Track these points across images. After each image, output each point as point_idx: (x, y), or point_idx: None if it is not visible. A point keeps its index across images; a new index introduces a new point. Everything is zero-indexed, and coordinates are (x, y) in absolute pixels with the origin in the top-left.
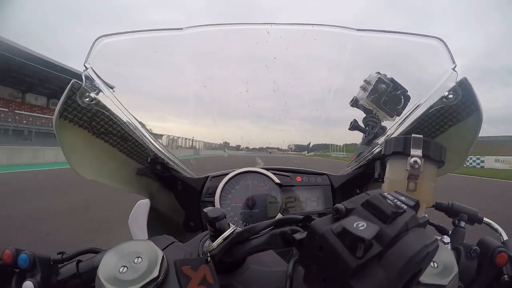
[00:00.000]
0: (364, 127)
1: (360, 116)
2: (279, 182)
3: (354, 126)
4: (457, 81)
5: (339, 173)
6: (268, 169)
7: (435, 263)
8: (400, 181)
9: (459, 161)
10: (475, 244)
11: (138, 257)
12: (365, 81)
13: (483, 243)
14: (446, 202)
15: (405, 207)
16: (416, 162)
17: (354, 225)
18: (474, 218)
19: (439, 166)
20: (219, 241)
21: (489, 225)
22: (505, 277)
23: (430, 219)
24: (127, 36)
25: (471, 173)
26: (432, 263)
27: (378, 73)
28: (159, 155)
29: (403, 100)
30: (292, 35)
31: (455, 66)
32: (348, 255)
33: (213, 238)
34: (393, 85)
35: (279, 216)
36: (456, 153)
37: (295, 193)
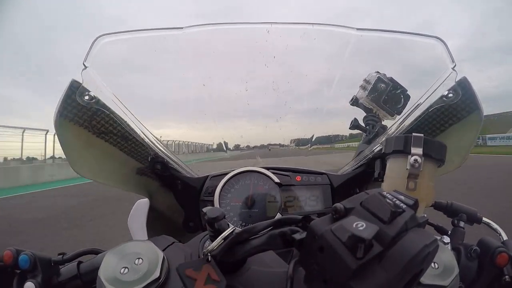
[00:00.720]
0: (364, 126)
1: (360, 115)
2: (279, 181)
3: (354, 125)
4: (456, 80)
5: (339, 173)
6: (267, 169)
7: (436, 264)
8: (400, 180)
9: (459, 160)
10: (475, 244)
11: (138, 258)
12: (364, 80)
13: (483, 243)
14: (445, 201)
15: (404, 206)
16: (416, 160)
17: (353, 225)
18: (473, 218)
19: (439, 165)
20: (219, 241)
21: (488, 225)
22: (506, 277)
23: (429, 219)
24: (126, 35)
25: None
26: (432, 264)
27: (377, 72)
28: (160, 154)
29: (403, 99)
30: (291, 34)
31: (454, 65)
32: (348, 255)
33: (212, 238)
34: (393, 84)
35: (278, 215)
36: (456, 152)
37: (294, 192)
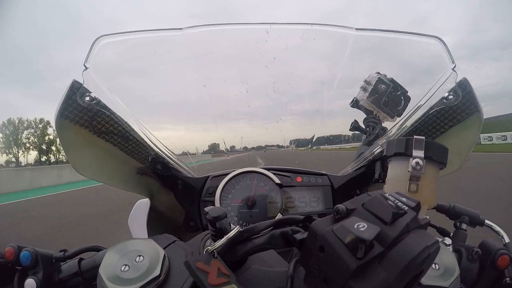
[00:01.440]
0: (365, 127)
1: (361, 116)
2: (279, 182)
3: (354, 127)
4: (457, 81)
5: (339, 174)
6: (268, 169)
7: (437, 265)
8: (401, 182)
9: (460, 162)
10: (477, 246)
11: (139, 256)
12: (365, 81)
13: (485, 245)
14: (447, 204)
15: (406, 208)
16: (418, 163)
17: (355, 226)
18: (475, 220)
19: (441, 167)
20: (224, 241)
21: (490, 228)
22: (507, 279)
23: (431, 221)
24: (126, 36)
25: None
26: (433, 265)
27: (378, 73)
28: (160, 154)
29: (403, 101)
30: (291, 35)
31: (454, 66)
32: (348, 256)
33: (214, 237)
34: (393, 86)
35: (279, 216)
36: (456, 154)
37: (295, 193)
